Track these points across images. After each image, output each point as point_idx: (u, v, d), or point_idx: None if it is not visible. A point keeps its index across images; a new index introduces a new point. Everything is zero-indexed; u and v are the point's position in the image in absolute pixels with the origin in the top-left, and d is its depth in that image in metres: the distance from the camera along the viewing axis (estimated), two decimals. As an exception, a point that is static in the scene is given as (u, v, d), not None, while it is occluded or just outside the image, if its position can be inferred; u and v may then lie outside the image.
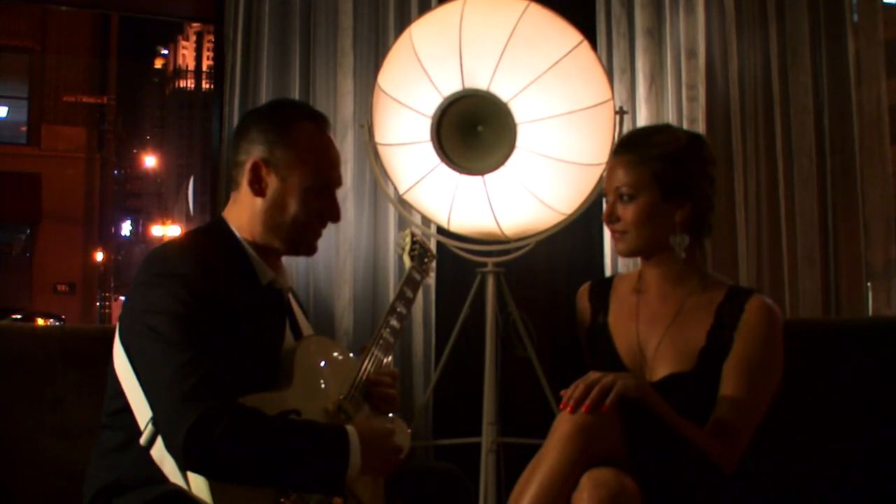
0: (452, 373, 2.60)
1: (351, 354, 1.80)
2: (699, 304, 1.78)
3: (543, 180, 2.39)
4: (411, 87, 2.38)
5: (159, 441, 1.49)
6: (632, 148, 1.81)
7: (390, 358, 1.82)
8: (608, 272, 2.85)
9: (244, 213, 1.72)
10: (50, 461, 1.98)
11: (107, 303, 19.56)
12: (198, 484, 1.46)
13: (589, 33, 2.55)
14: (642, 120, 2.89)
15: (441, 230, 2.59)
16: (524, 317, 2.51)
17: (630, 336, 1.82)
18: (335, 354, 1.76)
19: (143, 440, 1.52)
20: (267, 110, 1.80)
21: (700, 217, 1.80)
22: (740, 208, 2.88)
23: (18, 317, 11.50)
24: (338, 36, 2.81)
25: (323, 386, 1.68)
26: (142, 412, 1.54)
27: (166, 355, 1.49)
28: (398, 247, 2.02)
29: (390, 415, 1.77)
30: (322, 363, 1.71)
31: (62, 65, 16.70)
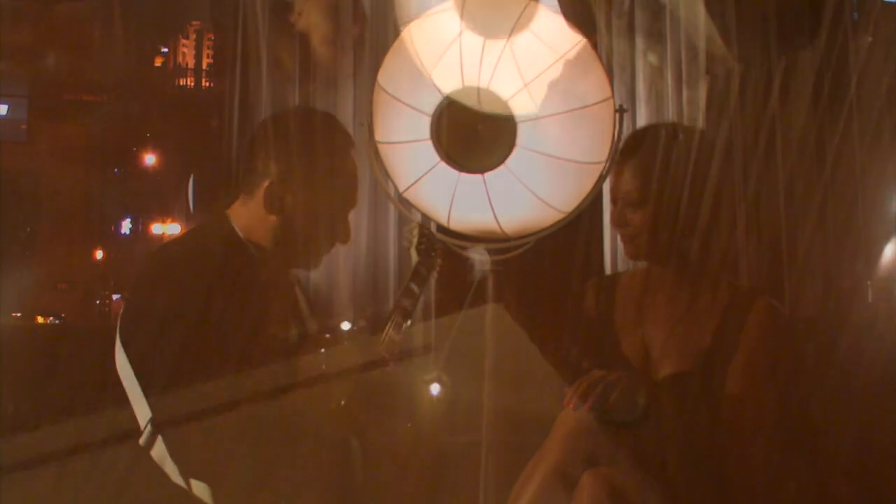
0: (452, 372, 2.59)
1: (350, 350, 1.80)
2: (706, 305, 1.78)
3: (543, 178, 2.38)
4: (411, 85, 2.38)
5: (159, 441, 1.49)
6: (635, 152, 1.81)
7: (394, 356, 1.82)
8: (608, 271, 2.85)
9: (254, 220, 1.71)
10: (49, 461, 1.97)
11: (107, 301, 19.53)
12: (198, 484, 1.45)
13: (589, 32, 2.54)
14: (642, 119, 2.89)
15: (441, 228, 2.59)
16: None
17: (635, 335, 1.82)
18: (338, 353, 1.76)
19: (142, 440, 1.52)
20: (293, 121, 1.78)
21: (707, 216, 1.79)
22: (740, 207, 2.87)
23: (18, 315, 11.50)
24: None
25: (327, 385, 1.68)
26: (141, 412, 1.53)
27: (165, 358, 1.48)
28: (405, 241, 1.99)
29: (391, 413, 1.77)
30: (325, 362, 1.71)
31: (63, 63, 16.68)
